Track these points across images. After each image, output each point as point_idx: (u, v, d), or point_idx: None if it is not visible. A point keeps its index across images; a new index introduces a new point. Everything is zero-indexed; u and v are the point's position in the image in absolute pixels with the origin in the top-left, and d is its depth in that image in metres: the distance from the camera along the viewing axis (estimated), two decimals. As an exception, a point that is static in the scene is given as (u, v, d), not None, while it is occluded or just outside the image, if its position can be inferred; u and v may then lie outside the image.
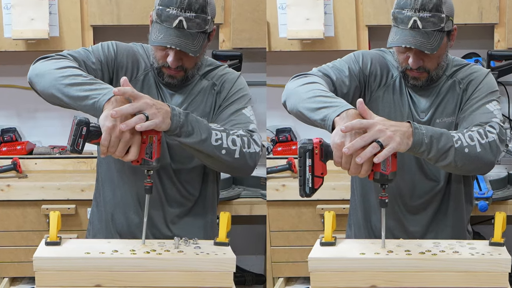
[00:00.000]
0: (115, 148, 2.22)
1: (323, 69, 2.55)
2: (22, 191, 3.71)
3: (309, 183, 2.18)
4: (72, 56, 2.48)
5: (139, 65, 2.59)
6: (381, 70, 2.59)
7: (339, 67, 2.56)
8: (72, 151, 2.21)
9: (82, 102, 2.29)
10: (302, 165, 2.18)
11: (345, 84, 2.53)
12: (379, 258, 2.16)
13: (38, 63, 2.44)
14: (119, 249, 2.22)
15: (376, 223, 2.64)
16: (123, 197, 2.60)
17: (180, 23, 2.42)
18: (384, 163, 2.15)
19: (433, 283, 2.13)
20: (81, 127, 2.21)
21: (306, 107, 2.33)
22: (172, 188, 2.59)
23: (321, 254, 2.20)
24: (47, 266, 2.16)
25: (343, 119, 2.19)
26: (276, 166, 3.91)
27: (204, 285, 2.17)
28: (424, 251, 2.19)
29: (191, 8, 2.42)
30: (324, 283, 2.16)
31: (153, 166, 2.26)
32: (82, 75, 2.34)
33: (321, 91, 2.35)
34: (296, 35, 3.95)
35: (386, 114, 2.54)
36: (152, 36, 2.45)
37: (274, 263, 3.84)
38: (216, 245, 2.28)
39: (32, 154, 4.14)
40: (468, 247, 2.23)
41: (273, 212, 3.77)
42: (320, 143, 2.18)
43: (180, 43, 2.42)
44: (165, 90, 2.58)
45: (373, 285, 2.14)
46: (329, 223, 2.27)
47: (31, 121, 4.30)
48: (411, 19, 2.42)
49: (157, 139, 2.26)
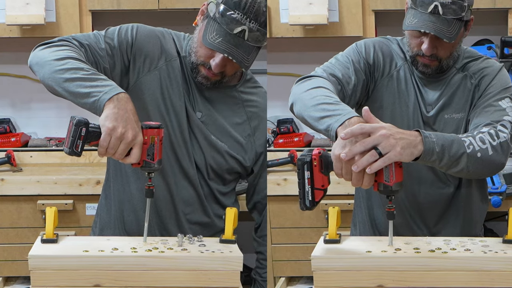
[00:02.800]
0: (115, 150, 2.17)
1: (328, 68, 2.50)
2: (17, 185, 3.69)
3: (309, 196, 2.16)
4: (77, 41, 2.41)
5: (162, 53, 2.50)
6: (384, 59, 2.56)
7: (343, 63, 2.52)
8: (71, 153, 2.17)
9: (82, 100, 2.23)
10: (301, 178, 2.15)
11: (351, 79, 2.49)
12: (387, 256, 2.13)
13: (38, 50, 2.36)
14: (119, 247, 2.18)
15: (380, 221, 2.61)
16: (133, 194, 2.54)
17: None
18: (387, 173, 2.11)
19: (443, 283, 2.10)
20: (80, 128, 2.16)
21: (310, 116, 2.28)
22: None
23: (325, 252, 2.17)
24: (43, 265, 2.13)
25: (345, 128, 2.14)
26: (277, 159, 3.90)
27: (210, 285, 2.15)
28: (434, 249, 2.16)
29: (257, 18, 2.36)
30: (328, 282, 2.13)
31: (155, 168, 2.22)
32: (84, 69, 2.27)
33: (325, 97, 2.29)
34: (299, 20, 3.91)
35: (391, 104, 2.52)
36: (208, 35, 2.38)
37: (275, 262, 3.83)
38: (222, 243, 2.25)
39: (27, 146, 4.13)
40: (481, 245, 2.20)
41: (274, 208, 3.75)
42: (319, 155, 2.15)
43: (236, 55, 2.36)
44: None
45: (380, 285, 2.12)
46: (333, 220, 2.24)
47: (26, 112, 4.29)
48: (432, 3, 2.40)
49: (159, 140, 2.22)
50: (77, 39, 2.42)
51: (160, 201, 2.52)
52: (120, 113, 2.18)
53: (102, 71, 2.42)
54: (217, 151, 2.53)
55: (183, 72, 2.52)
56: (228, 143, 2.54)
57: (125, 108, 2.19)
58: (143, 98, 2.48)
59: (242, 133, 2.56)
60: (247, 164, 2.57)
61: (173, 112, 2.49)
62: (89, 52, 2.41)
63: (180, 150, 2.51)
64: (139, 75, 2.49)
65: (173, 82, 2.50)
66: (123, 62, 2.47)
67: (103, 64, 2.43)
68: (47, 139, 4.17)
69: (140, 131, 2.21)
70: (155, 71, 2.49)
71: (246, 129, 2.57)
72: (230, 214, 2.26)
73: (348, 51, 2.57)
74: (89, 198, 3.64)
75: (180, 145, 2.51)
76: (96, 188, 3.61)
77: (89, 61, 2.39)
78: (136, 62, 2.48)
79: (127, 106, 2.20)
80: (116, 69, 2.46)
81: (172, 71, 2.50)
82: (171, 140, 2.49)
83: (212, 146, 2.53)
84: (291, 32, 3.98)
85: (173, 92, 2.49)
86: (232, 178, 2.60)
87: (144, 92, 2.48)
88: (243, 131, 2.57)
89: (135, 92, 2.46)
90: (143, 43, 2.49)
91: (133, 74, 2.48)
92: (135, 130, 2.18)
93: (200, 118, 2.52)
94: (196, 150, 2.52)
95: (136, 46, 2.48)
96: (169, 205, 2.54)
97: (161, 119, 2.47)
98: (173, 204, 2.54)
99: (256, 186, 2.65)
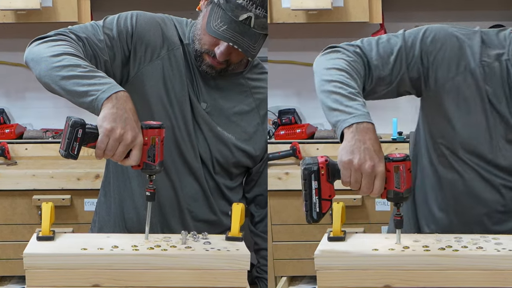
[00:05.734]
0: (113, 151, 2.13)
1: (367, 45, 2.29)
2: (11, 179, 3.69)
3: (316, 207, 2.11)
4: (74, 34, 2.37)
5: (164, 41, 2.48)
6: (450, 59, 2.28)
7: (389, 46, 2.28)
8: (66, 156, 2.14)
9: (80, 99, 2.19)
10: (307, 188, 2.10)
11: (381, 72, 2.28)
12: (394, 254, 2.11)
13: (34, 45, 2.32)
14: (119, 245, 2.16)
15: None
16: (135, 190, 2.52)
17: (248, 19, 2.33)
18: (398, 179, 2.08)
19: (454, 283, 2.08)
20: (76, 129, 2.12)
21: (323, 101, 2.19)
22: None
23: (329, 250, 2.14)
24: (38, 264, 2.10)
25: (352, 132, 2.08)
26: (279, 151, 3.90)
27: (215, 285, 2.12)
28: (444, 247, 2.13)
29: (263, 4, 2.33)
30: (332, 282, 2.10)
31: (156, 170, 2.19)
32: (81, 66, 2.22)
33: (341, 85, 2.17)
34: (301, 5, 3.89)
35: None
36: (213, 22, 2.35)
37: (276, 261, 3.82)
38: (228, 240, 2.22)
39: (22, 138, 4.12)
40: (494, 242, 2.16)
41: (275, 204, 3.74)
42: (326, 163, 2.10)
43: (242, 43, 2.33)
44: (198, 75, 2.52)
45: (387, 285, 2.09)
46: (337, 216, 2.21)
47: (21, 101, 4.29)
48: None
49: (160, 140, 2.18)
50: (75, 32, 2.38)
51: (162, 197, 2.50)
52: (119, 113, 2.14)
53: (102, 64, 2.39)
54: (223, 144, 2.51)
55: (186, 61, 2.49)
56: (235, 134, 2.53)
57: (124, 107, 2.15)
58: (145, 89, 2.46)
59: (251, 122, 2.55)
60: (257, 154, 2.56)
61: (176, 103, 2.47)
62: (87, 46, 2.38)
63: (184, 143, 2.49)
64: (140, 66, 2.46)
65: (176, 72, 2.48)
66: (123, 53, 2.44)
67: (103, 57, 2.40)
68: (43, 130, 4.16)
69: (140, 131, 2.16)
70: (157, 60, 2.47)
71: (255, 117, 2.56)
72: (237, 210, 2.23)
73: (411, 33, 2.32)
74: (88, 193, 3.64)
75: (184, 138, 2.48)
76: (95, 182, 3.60)
77: (88, 54, 2.36)
78: (137, 52, 2.45)
79: (126, 105, 2.16)
80: (117, 60, 2.43)
81: (175, 60, 2.48)
82: (175, 133, 2.47)
83: (218, 138, 2.51)
84: (293, 17, 3.96)
85: (176, 83, 2.47)
86: (239, 172, 2.58)
87: (145, 83, 2.46)
88: (252, 119, 2.55)
89: (136, 84, 2.45)
90: (143, 32, 2.46)
91: (133, 64, 2.45)
92: (135, 131, 2.14)
93: (205, 109, 2.50)
94: (201, 143, 2.51)
95: (136, 35, 2.45)
96: (172, 202, 2.52)
97: (164, 111, 2.45)
98: (177, 200, 2.52)
99: (261, 175, 2.63)
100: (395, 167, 2.08)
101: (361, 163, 2.05)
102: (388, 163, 2.08)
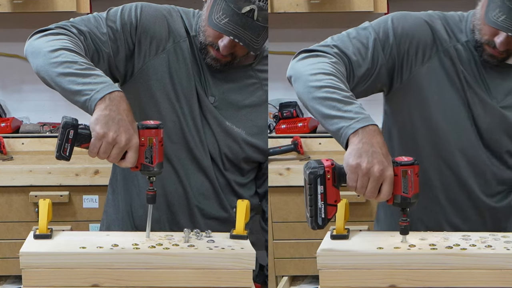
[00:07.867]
0: (107, 154, 2.12)
1: (341, 43, 2.35)
2: (7, 175, 3.69)
3: (322, 213, 2.08)
4: (76, 28, 2.35)
5: (170, 34, 2.45)
6: (424, 42, 2.36)
7: (362, 41, 2.34)
8: (58, 157, 2.13)
9: (74, 98, 2.17)
10: (313, 193, 2.07)
11: (361, 68, 2.34)
12: (399, 253, 2.10)
13: (34, 39, 2.30)
14: (119, 243, 2.14)
15: None
16: (142, 187, 2.48)
17: (251, 12, 2.31)
18: (405, 183, 2.07)
19: (461, 283, 2.07)
20: (67, 130, 2.10)
21: (317, 109, 2.17)
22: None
23: (331, 248, 2.13)
24: (35, 263, 2.09)
25: (358, 137, 2.07)
26: (280, 146, 3.89)
27: (219, 285, 2.11)
28: (452, 246, 2.12)
29: None
30: (335, 282, 2.09)
31: (155, 172, 2.16)
32: (78, 63, 2.20)
33: (333, 90, 2.16)
34: (303, -7, 3.87)
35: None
36: (214, 14, 2.33)
37: (277, 260, 3.81)
38: (233, 239, 2.20)
39: (19, 133, 4.11)
40: (503, 241, 2.16)
41: (276, 200, 3.73)
42: (332, 166, 2.07)
43: (244, 37, 2.31)
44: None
45: (392, 285, 2.08)
46: (341, 213, 2.19)
47: (17, 94, 4.29)
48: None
49: (158, 141, 2.15)
50: (76, 26, 2.36)
51: (171, 194, 2.48)
52: (112, 115, 2.11)
53: (105, 58, 2.38)
54: (233, 139, 2.49)
55: (193, 54, 2.47)
56: (245, 128, 2.50)
57: (118, 109, 2.12)
58: (150, 84, 2.43)
59: (262, 114, 2.52)
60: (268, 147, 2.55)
61: (183, 98, 2.45)
62: (89, 40, 2.36)
63: (193, 139, 2.47)
64: (145, 60, 2.44)
65: (182, 65, 2.45)
66: (128, 46, 2.42)
67: (105, 50, 2.38)
68: (40, 124, 4.15)
69: (135, 132, 2.14)
70: (162, 54, 2.44)
71: (266, 110, 2.54)
72: (242, 206, 2.21)
73: (377, 23, 2.39)
74: (87, 189, 3.63)
75: (192, 133, 2.46)
76: (94, 178, 3.59)
77: (89, 49, 2.35)
78: (142, 45, 2.42)
79: (119, 106, 2.13)
80: (120, 54, 2.41)
81: (181, 53, 2.46)
82: (182, 128, 2.45)
83: (227, 133, 2.49)
84: (295, 6, 3.94)
85: (183, 76, 2.45)
86: (250, 168, 2.56)
87: (151, 77, 2.43)
88: (263, 112, 2.53)
89: (141, 78, 2.43)
90: (148, 24, 2.43)
91: (138, 58, 2.43)
92: (129, 133, 2.11)
93: (213, 103, 2.48)
94: (209, 138, 2.49)
95: (141, 27, 2.42)
96: (181, 199, 2.49)
97: (171, 106, 2.43)
98: (186, 197, 2.49)
99: None
100: (403, 171, 2.07)
101: (370, 167, 2.03)
102: (396, 167, 2.07)
